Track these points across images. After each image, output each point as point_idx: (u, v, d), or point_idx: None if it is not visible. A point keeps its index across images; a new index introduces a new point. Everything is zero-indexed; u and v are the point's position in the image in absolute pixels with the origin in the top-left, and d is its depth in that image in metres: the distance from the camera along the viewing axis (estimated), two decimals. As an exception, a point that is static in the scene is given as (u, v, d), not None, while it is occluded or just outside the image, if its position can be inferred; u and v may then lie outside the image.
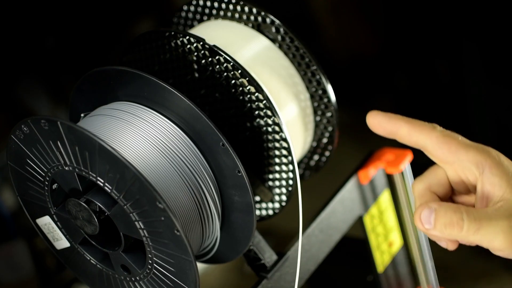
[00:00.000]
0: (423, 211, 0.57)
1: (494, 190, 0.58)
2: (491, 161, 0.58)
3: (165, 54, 0.67)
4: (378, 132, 0.62)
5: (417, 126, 0.60)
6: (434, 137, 0.60)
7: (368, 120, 0.62)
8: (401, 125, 0.61)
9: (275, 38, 0.70)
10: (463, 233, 0.56)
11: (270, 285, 0.68)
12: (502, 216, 0.56)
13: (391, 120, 0.61)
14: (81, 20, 1.57)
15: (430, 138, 0.60)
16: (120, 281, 0.63)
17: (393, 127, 0.61)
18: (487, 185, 0.58)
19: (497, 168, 0.58)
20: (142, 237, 0.58)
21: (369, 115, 0.62)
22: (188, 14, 0.73)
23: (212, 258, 0.68)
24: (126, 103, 0.63)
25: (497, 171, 0.58)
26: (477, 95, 1.63)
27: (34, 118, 0.57)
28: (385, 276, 0.80)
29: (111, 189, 0.56)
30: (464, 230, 0.56)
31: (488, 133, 1.64)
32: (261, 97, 0.64)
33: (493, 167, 0.58)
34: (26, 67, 1.50)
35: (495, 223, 0.55)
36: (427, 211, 0.57)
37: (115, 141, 0.59)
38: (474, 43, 1.59)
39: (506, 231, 0.55)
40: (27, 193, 0.64)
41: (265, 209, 0.71)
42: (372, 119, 0.62)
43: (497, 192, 0.57)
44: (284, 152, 0.66)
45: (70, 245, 0.65)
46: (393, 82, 1.84)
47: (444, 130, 0.60)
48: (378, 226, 0.79)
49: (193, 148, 0.61)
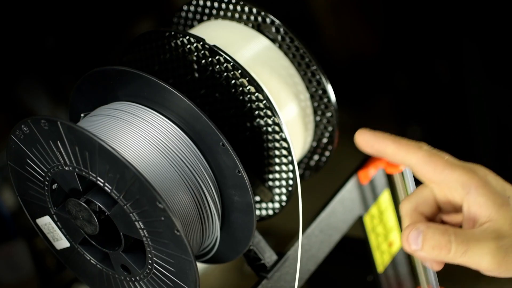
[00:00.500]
0: (410, 232, 0.57)
1: (480, 210, 0.57)
2: (477, 181, 0.58)
3: (165, 54, 0.67)
4: (366, 150, 0.63)
5: (404, 146, 0.61)
6: (420, 156, 0.60)
7: (356, 139, 0.63)
8: (388, 144, 0.61)
9: (275, 38, 0.70)
10: (451, 255, 0.56)
11: (270, 285, 0.68)
12: (489, 237, 0.56)
13: (378, 139, 0.61)
14: (81, 20, 1.57)
15: (416, 158, 0.60)
16: (120, 281, 0.63)
17: (380, 146, 0.61)
18: (474, 206, 0.58)
19: (483, 188, 0.57)
20: (142, 237, 0.58)
21: (357, 134, 0.62)
22: (188, 14, 0.73)
23: (212, 258, 0.68)
24: (126, 103, 0.63)
25: (483, 191, 0.57)
26: (477, 95, 1.63)
27: (34, 118, 0.57)
28: (385, 276, 0.80)
29: (111, 189, 0.56)
30: (452, 253, 0.56)
31: (488, 133, 1.64)
32: (261, 97, 0.64)
33: (479, 187, 0.57)
34: (26, 67, 1.49)
35: (482, 244, 0.55)
36: (414, 233, 0.57)
37: (115, 141, 0.59)
38: (474, 43, 1.59)
39: (493, 253, 0.55)
40: (27, 193, 0.64)
41: (265, 209, 0.71)
42: (360, 138, 0.62)
43: (484, 212, 0.57)
44: (284, 152, 0.66)
45: (70, 245, 0.65)
46: (393, 82, 1.84)
47: (430, 149, 0.60)
48: (378, 226, 0.79)
49: (193, 148, 0.61)
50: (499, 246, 0.55)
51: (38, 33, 1.50)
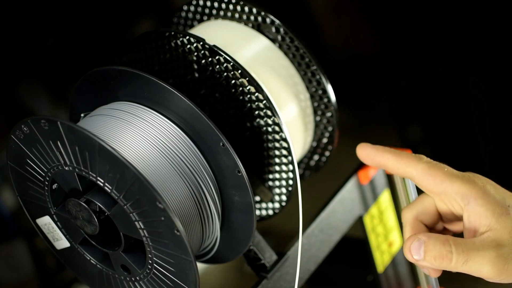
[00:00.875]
0: (412, 243, 0.59)
1: (480, 220, 0.59)
2: (477, 191, 0.59)
3: (165, 54, 0.67)
4: (368, 163, 0.66)
5: (404, 158, 0.63)
6: (419, 169, 0.61)
7: (357, 152, 0.65)
8: (388, 157, 0.63)
9: (275, 38, 0.70)
10: (452, 265, 0.58)
11: (270, 285, 0.68)
12: (489, 246, 0.57)
13: (379, 153, 0.64)
14: (81, 20, 1.57)
15: (416, 170, 0.61)
16: (120, 281, 0.63)
17: (381, 159, 0.64)
18: (473, 216, 0.59)
19: (482, 198, 0.59)
20: (142, 237, 0.58)
21: (358, 147, 0.65)
22: (188, 14, 0.73)
23: (212, 258, 0.68)
24: (126, 103, 0.63)
25: (482, 201, 0.59)
26: (477, 95, 1.63)
27: (34, 118, 0.57)
28: (385, 276, 0.80)
29: (111, 189, 0.56)
30: (453, 262, 0.57)
31: (488, 133, 1.64)
32: (261, 97, 0.64)
33: (478, 198, 0.59)
34: (26, 67, 1.49)
35: (483, 253, 0.57)
36: (416, 243, 0.58)
37: (115, 141, 0.59)
38: (474, 43, 1.59)
39: (494, 261, 0.57)
40: (27, 193, 0.64)
41: (265, 209, 0.71)
42: (361, 152, 0.65)
43: (484, 221, 0.58)
44: (284, 152, 0.66)
45: (70, 245, 0.65)
46: (393, 82, 1.84)
47: (430, 161, 0.62)
48: (378, 226, 0.79)
49: (193, 148, 0.61)
50: (499, 254, 0.57)
51: (38, 33, 1.50)
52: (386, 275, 0.80)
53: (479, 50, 1.59)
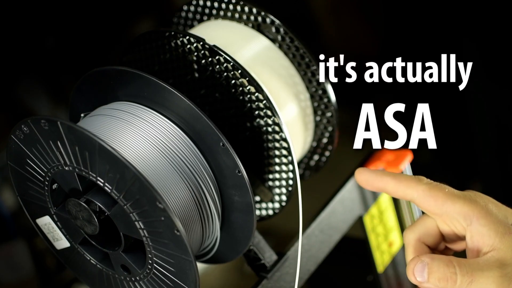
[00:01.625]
0: (416, 265, 0.58)
1: (483, 240, 0.58)
2: (479, 211, 0.59)
3: (165, 54, 0.67)
4: (367, 188, 0.65)
5: (403, 181, 0.62)
6: (420, 191, 0.61)
7: (356, 177, 0.64)
8: (387, 181, 0.62)
9: (275, 38, 0.70)
10: (457, 286, 0.57)
11: (270, 285, 0.68)
12: (493, 266, 0.57)
13: (378, 177, 0.63)
14: (81, 20, 1.56)
15: (416, 192, 0.61)
16: (120, 281, 0.63)
17: (380, 184, 0.63)
18: (476, 236, 0.59)
19: (485, 218, 0.58)
20: (142, 237, 0.58)
21: (357, 172, 0.64)
22: (188, 14, 0.73)
23: (212, 258, 0.68)
24: (126, 103, 0.63)
25: (485, 221, 0.58)
26: (477, 95, 1.63)
27: (34, 118, 0.57)
28: (385, 276, 0.80)
29: (111, 189, 0.56)
30: (457, 284, 0.57)
31: (488, 133, 1.64)
32: (261, 97, 0.64)
33: (480, 218, 0.58)
34: (26, 67, 1.49)
35: (487, 274, 0.56)
36: (420, 266, 0.58)
37: (115, 141, 0.59)
38: (474, 43, 1.59)
39: (498, 281, 0.56)
40: (27, 193, 0.64)
41: (265, 209, 0.71)
42: (359, 177, 0.64)
43: (487, 241, 0.58)
44: (284, 152, 0.66)
45: (70, 245, 0.65)
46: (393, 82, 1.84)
47: (430, 182, 0.61)
48: (378, 226, 0.79)
49: (193, 148, 0.61)
50: (503, 274, 0.57)
51: (38, 33, 1.50)
52: (386, 275, 0.80)
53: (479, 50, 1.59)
